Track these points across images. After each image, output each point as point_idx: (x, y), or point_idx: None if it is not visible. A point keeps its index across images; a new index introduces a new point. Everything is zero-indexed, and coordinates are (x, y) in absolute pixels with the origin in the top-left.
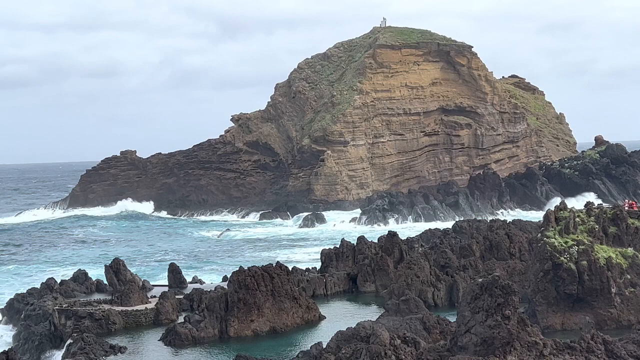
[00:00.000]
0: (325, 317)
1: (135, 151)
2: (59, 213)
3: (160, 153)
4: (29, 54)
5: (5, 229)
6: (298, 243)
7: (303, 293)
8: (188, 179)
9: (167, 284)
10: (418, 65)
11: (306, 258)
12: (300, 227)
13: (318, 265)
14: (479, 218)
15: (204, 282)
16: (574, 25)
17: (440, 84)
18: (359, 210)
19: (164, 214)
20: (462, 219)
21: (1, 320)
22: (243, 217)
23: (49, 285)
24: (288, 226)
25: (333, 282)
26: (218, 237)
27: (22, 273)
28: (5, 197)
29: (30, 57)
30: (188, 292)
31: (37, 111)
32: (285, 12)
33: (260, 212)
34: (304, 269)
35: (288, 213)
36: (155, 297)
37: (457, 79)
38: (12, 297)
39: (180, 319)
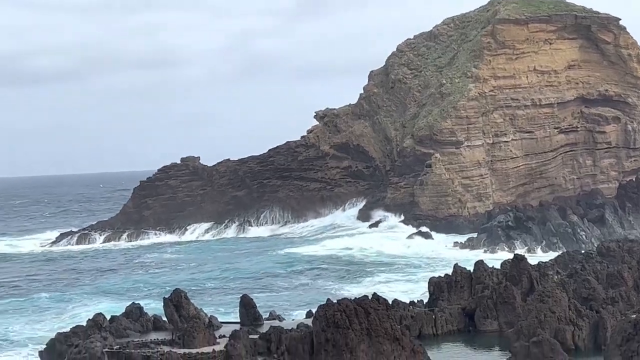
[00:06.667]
0: None
1: (199, 157)
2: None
3: (228, 159)
4: (63, 41)
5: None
6: (398, 268)
7: (407, 332)
8: (263, 191)
9: (238, 320)
10: (550, 44)
11: (409, 288)
12: (407, 247)
13: (425, 297)
14: (632, 237)
15: (284, 319)
16: None
17: (579, 67)
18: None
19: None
20: (609, 238)
21: None
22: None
23: (96, 322)
24: (393, 239)
25: (444, 319)
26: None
27: (60, 307)
28: (60, 212)
29: (64, 45)
30: (264, 331)
31: (72, 111)
32: None
33: (360, 209)
34: (408, 302)
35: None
36: (224, 337)
37: (601, 61)
38: (53, 336)
39: None
